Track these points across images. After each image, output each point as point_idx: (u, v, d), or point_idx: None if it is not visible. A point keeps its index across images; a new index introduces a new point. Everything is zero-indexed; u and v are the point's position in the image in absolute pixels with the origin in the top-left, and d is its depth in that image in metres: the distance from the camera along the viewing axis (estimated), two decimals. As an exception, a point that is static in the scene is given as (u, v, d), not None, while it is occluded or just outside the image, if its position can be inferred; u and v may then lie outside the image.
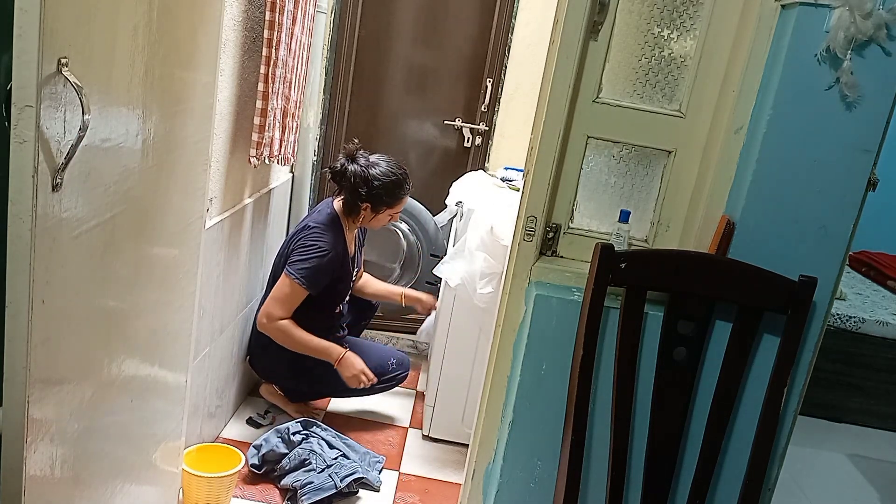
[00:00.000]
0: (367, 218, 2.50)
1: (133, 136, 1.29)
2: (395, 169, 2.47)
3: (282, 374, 2.53)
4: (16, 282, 1.04)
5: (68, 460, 1.27)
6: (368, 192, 2.41)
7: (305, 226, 2.45)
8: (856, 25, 1.33)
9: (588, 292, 1.45)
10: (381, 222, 2.54)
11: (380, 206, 2.46)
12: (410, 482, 2.37)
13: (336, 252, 2.42)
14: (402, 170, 2.49)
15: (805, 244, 1.46)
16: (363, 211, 2.46)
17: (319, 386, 2.56)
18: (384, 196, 2.44)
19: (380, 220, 2.53)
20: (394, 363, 2.65)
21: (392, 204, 2.48)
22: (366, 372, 2.43)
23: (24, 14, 0.95)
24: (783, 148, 1.43)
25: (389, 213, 2.51)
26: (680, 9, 1.54)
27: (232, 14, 1.94)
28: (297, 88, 2.41)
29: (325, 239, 2.40)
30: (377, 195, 2.43)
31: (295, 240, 2.43)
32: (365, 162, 2.44)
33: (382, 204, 2.46)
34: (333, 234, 2.43)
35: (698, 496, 1.52)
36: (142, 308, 1.48)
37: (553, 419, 1.56)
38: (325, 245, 2.38)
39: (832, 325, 3.03)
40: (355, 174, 2.41)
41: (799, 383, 1.52)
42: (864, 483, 2.77)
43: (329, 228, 2.43)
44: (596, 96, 1.57)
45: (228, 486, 2.00)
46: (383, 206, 2.47)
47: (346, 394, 2.61)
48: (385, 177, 2.43)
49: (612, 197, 1.65)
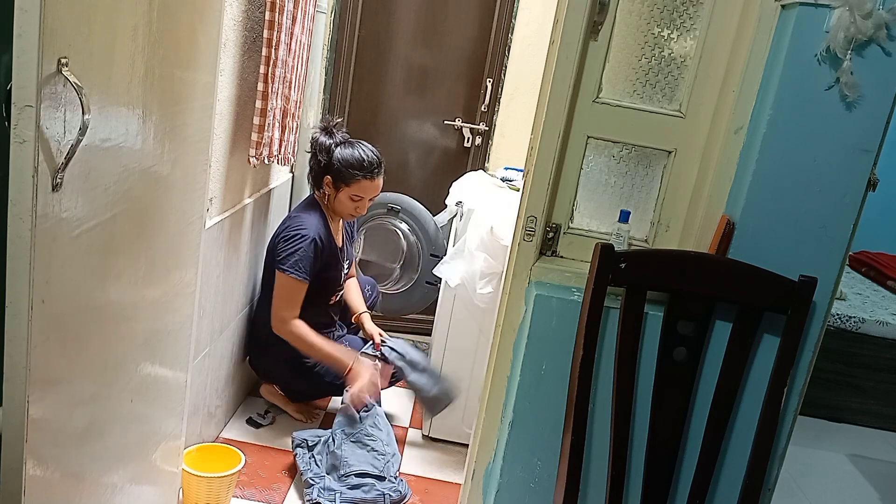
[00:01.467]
0: (332, 196, 2.44)
1: (133, 136, 1.29)
2: (366, 152, 2.41)
3: (282, 374, 2.53)
4: (16, 282, 1.04)
5: (68, 460, 1.27)
6: (328, 164, 2.39)
7: (286, 216, 2.45)
8: (856, 25, 1.33)
9: (588, 292, 1.45)
10: (344, 206, 2.45)
11: (338, 183, 2.41)
12: (410, 482, 2.37)
13: (319, 236, 2.38)
14: (373, 155, 2.42)
15: (805, 244, 1.46)
16: (325, 186, 2.43)
17: (320, 385, 2.56)
18: (342, 169, 2.38)
19: (343, 204, 2.44)
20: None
21: (349, 182, 2.39)
22: (369, 391, 2.36)
23: (24, 14, 0.95)
24: (783, 148, 1.43)
25: (349, 193, 2.41)
26: (680, 9, 1.54)
27: (232, 14, 1.94)
28: (296, 88, 2.41)
29: (305, 225, 2.37)
30: (336, 170, 2.38)
31: (278, 232, 2.42)
32: (339, 139, 2.42)
33: (340, 180, 2.40)
34: (314, 218, 2.41)
35: (698, 496, 1.52)
36: (142, 308, 1.48)
37: (553, 419, 1.56)
38: (305, 231, 2.35)
39: (832, 325, 3.03)
40: (320, 144, 2.41)
41: (799, 383, 1.52)
42: (864, 483, 2.77)
43: (307, 213, 2.41)
44: (596, 96, 1.57)
45: (228, 486, 2.00)
46: (341, 182, 2.40)
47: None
48: (350, 154, 2.39)
49: (612, 197, 1.65)
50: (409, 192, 3.05)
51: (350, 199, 2.43)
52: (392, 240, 3.03)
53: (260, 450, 2.40)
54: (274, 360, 2.48)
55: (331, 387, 2.56)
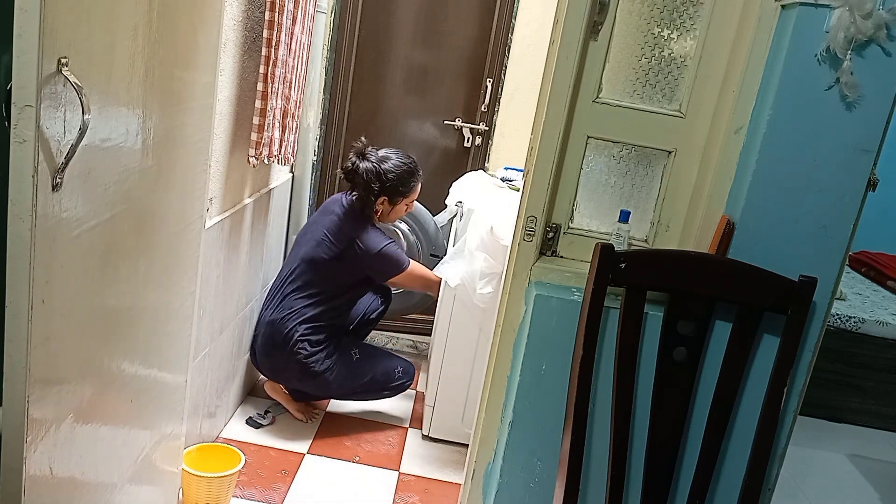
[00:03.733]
0: (386, 211, 2.57)
1: (133, 136, 1.29)
2: (405, 160, 2.54)
3: (292, 375, 2.53)
4: (16, 282, 1.04)
5: (68, 460, 1.27)
6: (382, 187, 2.48)
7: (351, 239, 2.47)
8: (856, 25, 1.33)
9: (588, 292, 1.45)
10: (398, 214, 2.62)
11: (396, 198, 2.54)
12: (410, 482, 2.37)
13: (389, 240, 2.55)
14: (410, 159, 2.57)
15: (805, 244, 1.46)
16: (379, 206, 2.53)
17: (326, 389, 2.56)
18: (399, 187, 2.51)
19: (397, 212, 2.61)
20: (399, 371, 2.66)
21: (407, 193, 2.56)
22: None
23: (24, 14, 0.95)
24: (783, 148, 1.43)
25: (406, 202, 2.59)
26: (680, 9, 1.54)
27: (232, 14, 1.94)
28: (296, 88, 2.41)
29: (379, 238, 2.50)
30: (392, 187, 2.50)
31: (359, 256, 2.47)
32: (375, 158, 2.50)
33: (398, 195, 2.53)
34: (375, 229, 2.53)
35: (698, 496, 1.52)
36: (142, 308, 1.48)
37: (553, 419, 1.56)
38: (384, 241, 2.50)
39: (832, 325, 3.03)
40: (367, 171, 2.47)
41: (799, 383, 1.52)
42: (864, 483, 2.77)
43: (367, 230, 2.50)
44: (596, 96, 1.57)
45: (228, 486, 2.00)
46: (399, 196, 2.54)
47: (349, 397, 2.62)
48: (397, 168, 2.50)
49: (612, 197, 1.65)
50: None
51: (405, 206, 2.61)
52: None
53: (260, 450, 2.41)
54: (286, 361, 2.48)
55: (336, 392, 2.58)
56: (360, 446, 2.54)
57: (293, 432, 2.55)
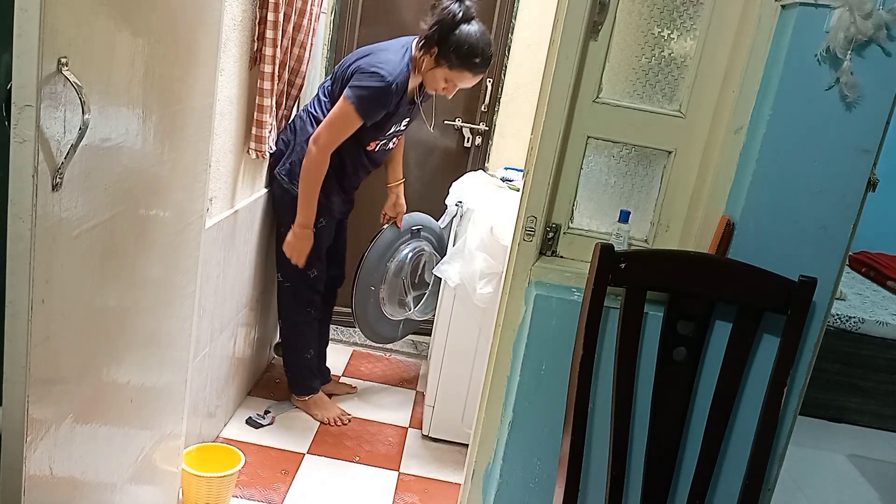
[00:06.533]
0: (427, 67, 2.32)
1: (133, 135, 1.29)
2: (481, 45, 2.27)
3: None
4: (16, 282, 1.04)
5: (68, 460, 1.27)
6: (441, 38, 2.25)
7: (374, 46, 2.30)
8: (856, 26, 1.33)
9: (588, 292, 1.45)
10: (433, 81, 2.35)
11: (442, 60, 2.28)
12: (410, 482, 2.37)
13: (397, 83, 2.28)
14: (487, 52, 2.29)
15: (805, 244, 1.46)
16: (429, 54, 2.29)
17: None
18: (449, 54, 2.26)
19: (433, 79, 2.34)
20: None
21: (454, 66, 2.28)
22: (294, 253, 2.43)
23: (24, 14, 0.95)
24: (783, 148, 1.43)
25: (446, 76, 2.32)
26: (680, 9, 1.54)
27: (232, 14, 1.94)
28: (297, 87, 2.42)
29: (389, 66, 2.26)
30: (446, 48, 2.26)
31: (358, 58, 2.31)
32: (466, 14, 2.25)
33: (445, 60, 2.28)
34: (401, 63, 2.30)
35: (698, 496, 1.52)
36: (142, 308, 1.48)
37: (553, 419, 1.56)
38: (386, 73, 2.25)
39: (832, 325, 3.03)
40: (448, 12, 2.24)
41: (799, 383, 1.52)
42: (864, 483, 2.77)
43: (397, 55, 2.30)
44: (596, 96, 1.57)
45: (228, 486, 2.00)
46: (444, 62, 2.28)
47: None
48: (468, 39, 2.25)
49: (612, 197, 1.65)
50: (409, 193, 3.04)
51: (444, 80, 2.33)
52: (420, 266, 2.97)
53: (260, 450, 2.41)
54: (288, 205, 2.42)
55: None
56: (360, 446, 2.54)
57: (293, 432, 2.55)
